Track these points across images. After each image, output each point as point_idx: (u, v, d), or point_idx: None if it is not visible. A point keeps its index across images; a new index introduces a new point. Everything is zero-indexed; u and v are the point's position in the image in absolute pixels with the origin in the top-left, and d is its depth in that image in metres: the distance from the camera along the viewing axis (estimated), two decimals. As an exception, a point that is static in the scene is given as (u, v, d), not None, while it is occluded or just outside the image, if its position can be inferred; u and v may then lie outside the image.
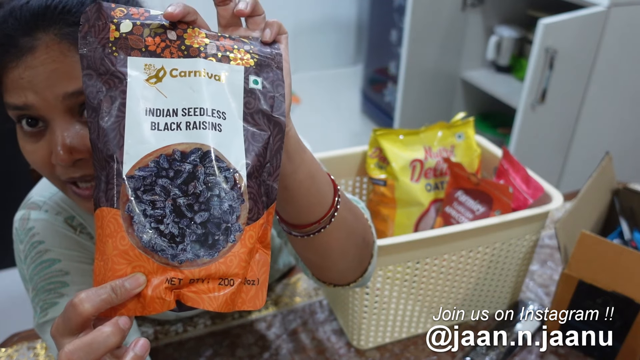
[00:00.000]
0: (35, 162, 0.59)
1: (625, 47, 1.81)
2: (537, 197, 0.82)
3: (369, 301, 0.78)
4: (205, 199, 0.42)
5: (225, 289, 0.42)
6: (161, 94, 0.43)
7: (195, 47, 0.44)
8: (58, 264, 0.68)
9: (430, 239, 0.74)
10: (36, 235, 0.68)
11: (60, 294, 0.67)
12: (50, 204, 0.70)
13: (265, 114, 0.45)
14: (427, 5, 2.23)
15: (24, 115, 0.57)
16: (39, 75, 0.54)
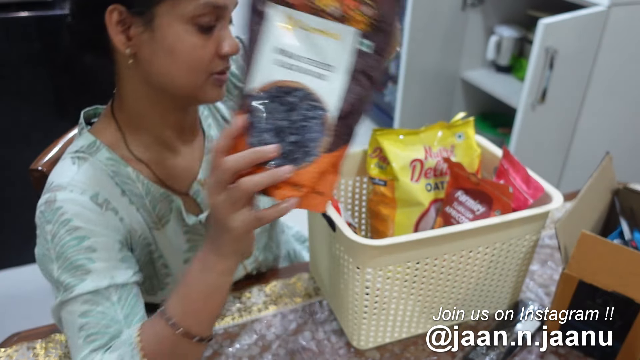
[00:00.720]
0: (202, 55, 0.68)
1: (626, 47, 1.81)
2: (537, 197, 0.82)
3: (369, 301, 0.78)
4: (299, 126, 0.57)
5: (295, 193, 0.58)
6: (288, 39, 0.56)
7: (321, 7, 0.55)
8: (87, 241, 0.69)
9: (430, 239, 0.74)
10: (65, 214, 0.69)
11: (88, 271, 0.68)
12: (74, 184, 0.71)
13: (366, 74, 0.56)
14: (427, 5, 2.23)
15: (209, 15, 0.67)
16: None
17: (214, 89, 0.73)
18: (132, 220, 0.76)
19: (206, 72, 0.70)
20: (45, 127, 1.82)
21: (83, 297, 0.68)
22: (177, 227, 0.82)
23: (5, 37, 1.66)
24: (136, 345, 0.65)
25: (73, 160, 0.74)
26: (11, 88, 1.74)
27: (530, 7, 2.28)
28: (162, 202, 0.80)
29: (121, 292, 0.70)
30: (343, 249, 0.78)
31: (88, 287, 0.68)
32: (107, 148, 0.76)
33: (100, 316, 0.68)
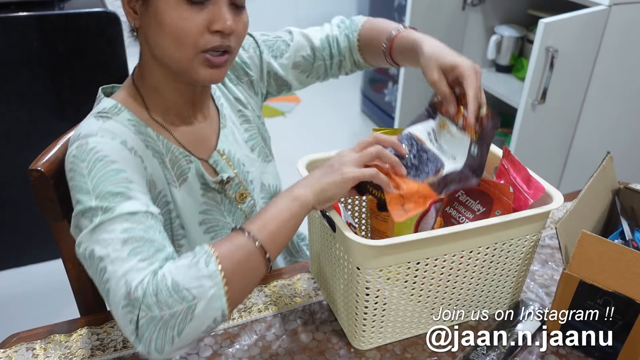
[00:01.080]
0: (188, 28, 0.72)
1: (626, 47, 1.81)
2: (538, 197, 0.81)
3: (369, 301, 0.77)
4: (423, 160, 0.79)
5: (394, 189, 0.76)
6: (438, 133, 0.85)
7: (457, 120, 0.83)
8: (124, 173, 0.71)
9: (430, 239, 0.74)
10: (100, 152, 0.71)
11: (128, 197, 0.69)
12: (103, 131, 0.74)
13: (470, 167, 0.81)
14: (427, 5, 2.23)
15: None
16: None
17: (204, 69, 0.76)
18: (154, 172, 0.80)
19: (194, 47, 0.73)
20: (45, 127, 1.82)
21: (124, 216, 0.67)
22: (195, 186, 0.86)
23: (5, 37, 1.66)
24: (212, 253, 0.65)
25: (97, 118, 0.77)
26: (11, 88, 1.74)
27: (531, 7, 2.28)
28: (181, 161, 0.84)
29: (156, 220, 0.70)
30: (343, 249, 0.77)
31: (129, 208, 0.68)
32: (128, 110, 0.80)
33: (143, 232, 0.67)
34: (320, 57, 1.03)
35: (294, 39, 1.01)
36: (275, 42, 1.01)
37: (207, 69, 0.76)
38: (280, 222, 0.70)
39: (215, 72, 0.77)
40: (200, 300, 0.63)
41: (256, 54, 0.99)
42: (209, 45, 0.73)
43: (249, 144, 0.97)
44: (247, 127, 0.97)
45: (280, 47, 1.00)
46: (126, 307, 0.63)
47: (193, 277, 0.63)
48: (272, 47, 1.00)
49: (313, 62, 1.03)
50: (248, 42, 0.99)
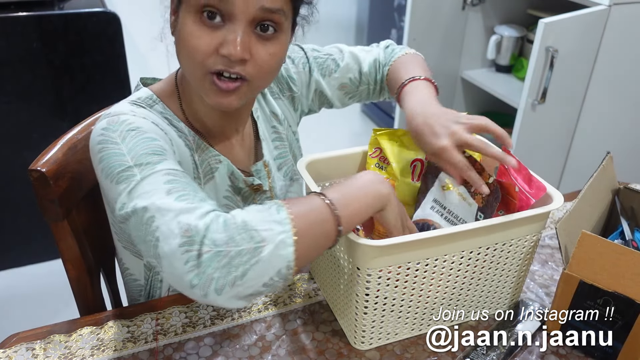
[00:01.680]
0: (197, 45, 0.70)
1: (626, 47, 1.81)
2: (539, 197, 0.81)
3: (369, 301, 0.77)
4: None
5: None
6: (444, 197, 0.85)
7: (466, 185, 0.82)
8: (157, 142, 0.71)
9: (430, 239, 0.74)
10: (132, 123, 0.72)
11: (165, 158, 0.69)
12: (135, 111, 0.75)
13: None
14: (427, 5, 2.23)
15: (212, 8, 0.69)
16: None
17: (213, 93, 0.73)
18: (184, 160, 0.79)
19: (202, 67, 0.72)
20: (45, 127, 1.82)
21: (165, 171, 0.66)
22: (221, 186, 0.86)
23: (5, 37, 1.66)
24: (283, 204, 0.64)
25: (130, 104, 0.77)
26: (11, 88, 1.74)
27: (531, 7, 2.28)
28: (211, 160, 0.84)
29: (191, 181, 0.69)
30: (343, 249, 0.77)
31: (169, 165, 0.67)
32: (163, 105, 0.80)
33: (185, 184, 0.66)
34: (366, 81, 1.03)
35: (344, 59, 1.01)
36: (325, 60, 1.00)
37: (216, 94, 0.73)
38: (360, 210, 0.70)
39: (223, 99, 0.74)
40: (268, 244, 0.60)
41: (305, 71, 0.99)
42: (213, 67, 0.71)
43: (277, 162, 0.96)
44: (279, 145, 0.97)
45: (330, 66, 1.00)
46: (184, 245, 0.59)
47: (263, 219, 0.61)
48: (322, 65, 1.00)
49: (358, 86, 1.03)
50: (299, 57, 0.99)
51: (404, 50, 1.03)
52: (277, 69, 0.78)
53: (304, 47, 0.99)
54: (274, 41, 0.73)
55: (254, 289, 0.61)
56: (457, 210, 0.83)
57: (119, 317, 0.87)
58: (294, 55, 0.98)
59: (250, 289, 0.61)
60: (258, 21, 0.71)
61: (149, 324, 0.86)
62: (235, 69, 0.71)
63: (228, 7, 0.68)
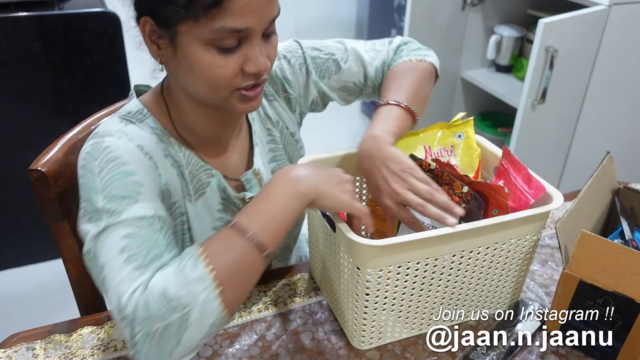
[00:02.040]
0: (222, 74, 0.69)
1: (626, 47, 1.81)
2: (539, 197, 0.81)
3: (369, 301, 0.77)
4: None
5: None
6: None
7: None
8: (135, 176, 0.70)
9: (430, 239, 0.74)
10: (112, 152, 0.70)
11: (136, 200, 0.68)
12: (122, 133, 0.73)
13: None
14: (427, 5, 2.23)
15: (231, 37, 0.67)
16: (261, 1, 0.67)
17: (241, 103, 0.74)
18: (171, 182, 0.78)
19: (229, 88, 0.71)
20: (45, 127, 1.82)
21: (131, 221, 0.66)
22: (214, 201, 0.84)
23: (5, 37, 1.66)
24: (198, 255, 0.63)
25: (121, 119, 0.76)
26: (11, 88, 1.74)
27: (530, 7, 2.28)
28: (202, 175, 0.82)
29: (163, 224, 0.69)
30: (343, 249, 0.77)
31: (136, 213, 0.67)
32: (153, 118, 0.79)
33: (143, 239, 0.66)
34: (371, 85, 0.98)
35: (348, 61, 0.95)
36: (326, 61, 0.94)
37: (244, 103, 0.75)
38: (283, 220, 0.68)
39: (253, 104, 0.76)
40: (193, 307, 0.61)
41: (301, 72, 0.94)
42: (244, 84, 0.72)
43: (271, 165, 0.94)
44: (273, 147, 0.94)
45: (330, 68, 0.95)
46: (121, 321, 0.62)
47: (181, 283, 0.61)
48: (321, 66, 0.94)
49: (363, 89, 0.99)
50: (295, 57, 0.93)
51: (412, 56, 0.96)
52: None
53: (303, 46, 0.95)
54: (274, 35, 0.74)
55: (195, 345, 0.63)
56: (436, 223, 0.83)
57: (119, 317, 0.87)
58: (290, 55, 0.93)
59: (192, 347, 0.63)
60: (266, 29, 0.71)
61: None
62: (262, 78, 0.73)
63: (245, 32, 0.67)
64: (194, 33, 0.66)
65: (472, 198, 0.79)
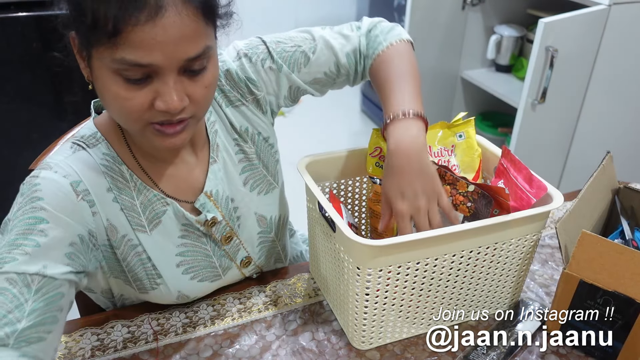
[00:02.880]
0: (130, 107, 0.65)
1: (626, 46, 1.81)
2: (540, 196, 0.81)
3: (369, 301, 0.77)
4: None
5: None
6: None
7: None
8: (43, 224, 0.68)
9: (430, 239, 0.74)
10: (38, 191, 0.70)
11: (25, 252, 0.66)
12: (61, 165, 0.72)
13: None
14: (427, 5, 2.23)
15: (134, 71, 0.63)
16: (170, 38, 0.61)
17: (158, 138, 0.69)
18: (113, 218, 0.76)
19: (140, 121, 0.67)
20: (45, 127, 1.82)
21: (9, 274, 0.65)
22: (172, 229, 0.81)
23: (5, 37, 1.66)
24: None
25: (72, 146, 0.75)
26: (11, 88, 1.74)
27: (531, 7, 2.28)
28: (155, 204, 0.79)
29: (44, 284, 0.66)
30: (343, 249, 0.77)
31: (17, 268, 0.65)
32: (106, 143, 0.76)
33: (9, 299, 0.63)
34: (345, 72, 0.91)
35: (316, 51, 0.88)
36: (293, 53, 0.87)
37: (163, 139, 0.70)
38: None
39: (173, 140, 0.70)
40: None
41: (265, 68, 0.86)
42: (155, 120, 0.67)
43: (242, 176, 0.88)
44: (242, 158, 0.88)
45: (298, 60, 0.87)
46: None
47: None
48: (289, 59, 0.87)
49: (336, 78, 0.92)
50: (257, 53, 0.86)
51: (390, 40, 0.89)
52: (216, 87, 0.74)
53: (266, 41, 0.87)
54: (205, 73, 0.68)
55: None
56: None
57: (119, 317, 0.87)
58: (251, 52, 0.85)
59: None
60: (185, 67, 0.65)
61: (149, 324, 0.86)
62: (177, 117, 0.67)
63: (151, 67, 0.63)
64: (102, 59, 0.63)
65: (479, 196, 0.79)
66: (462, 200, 0.80)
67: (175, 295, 0.85)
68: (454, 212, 0.78)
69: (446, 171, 0.81)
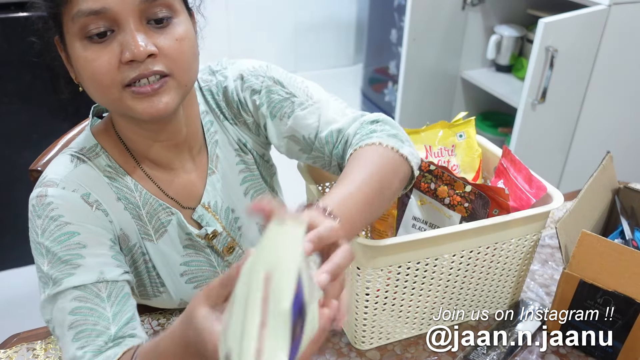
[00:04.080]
0: (99, 67, 0.63)
1: (626, 47, 1.81)
2: (540, 197, 0.81)
3: (369, 301, 0.77)
4: None
5: None
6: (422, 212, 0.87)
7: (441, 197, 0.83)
8: (77, 237, 0.69)
9: (430, 239, 0.74)
10: (55, 209, 0.69)
11: (77, 265, 0.68)
12: (66, 181, 0.71)
13: None
14: (427, 5, 2.23)
15: (93, 23, 0.62)
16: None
17: (137, 103, 0.66)
18: (125, 226, 0.76)
19: (115, 85, 0.65)
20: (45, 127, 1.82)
21: (71, 291, 0.67)
22: (175, 240, 0.81)
23: (5, 37, 1.66)
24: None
25: (72, 159, 0.74)
26: (11, 88, 1.74)
27: (531, 7, 2.28)
28: (160, 214, 0.79)
29: (111, 289, 0.69)
30: (343, 249, 0.77)
31: (75, 281, 0.67)
32: (107, 155, 0.75)
33: (89, 313, 0.67)
34: (320, 148, 0.80)
35: (306, 109, 0.79)
36: (282, 100, 0.80)
37: (143, 102, 0.66)
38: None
39: (154, 104, 0.66)
40: None
41: (251, 99, 0.81)
42: (127, 79, 0.64)
43: (243, 186, 0.87)
44: (243, 168, 0.86)
45: (283, 109, 0.80)
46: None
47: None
48: (275, 104, 0.80)
49: (311, 150, 0.81)
50: (253, 78, 0.81)
51: (384, 140, 0.72)
52: (194, 54, 0.69)
53: (269, 73, 0.81)
54: (173, 26, 0.66)
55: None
56: (438, 222, 0.83)
57: (119, 317, 0.87)
58: (249, 75, 0.81)
59: None
60: (147, 15, 0.64)
61: (150, 324, 0.86)
62: (150, 68, 0.64)
63: (108, 13, 0.62)
64: (69, 29, 0.64)
65: (476, 197, 0.79)
66: (460, 200, 0.80)
67: (177, 302, 0.85)
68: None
69: (444, 172, 0.81)
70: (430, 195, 0.83)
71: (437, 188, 0.82)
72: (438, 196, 0.82)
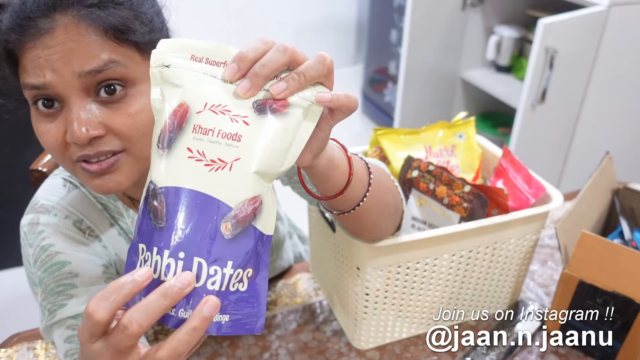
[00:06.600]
0: (48, 142, 0.60)
1: (626, 47, 1.81)
2: (539, 197, 0.82)
3: (369, 301, 0.78)
4: None
5: None
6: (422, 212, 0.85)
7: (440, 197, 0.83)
8: (68, 266, 0.68)
9: (430, 239, 0.74)
10: (46, 238, 0.69)
11: (70, 296, 0.67)
12: (58, 207, 0.71)
13: None
14: (427, 5, 2.23)
15: (40, 96, 0.58)
16: (56, 53, 0.56)
17: (90, 179, 0.61)
18: (120, 252, 0.75)
19: (66, 159, 0.61)
20: (46, 127, 1.82)
21: (65, 321, 0.67)
22: None
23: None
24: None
25: (64, 183, 0.73)
26: (11, 88, 1.74)
27: (530, 7, 2.28)
28: None
29: None
30: (343, 249, 0.78)
31: (68, 312, 0.66)
32: None
33: None
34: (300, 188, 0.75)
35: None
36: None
37: (94, 179, 0.61)
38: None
39: (106, 182, 0.60)
40: None
41: None
42: (74, 156, 0.59)
43: None
44: None
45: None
46: None
47: None
48: None
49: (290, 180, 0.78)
50: None
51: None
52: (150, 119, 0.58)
53: None
54: (127, 99, 0.59)
55: None
56: (437, 222, 0.83)
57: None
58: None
59: None
60: (95, 88, 0.58)
61: (150, 324, 0.86)
62: (97, 149, 0.58)
63: (49, 90, 0.57)
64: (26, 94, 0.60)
65: (475, 197, 0.79)
66: (459, 200, 0.80)
67: None
68: None
69: (442, 172, 0.82)
70: (429, 195, 0.83)
71: (436, 188, 0.82)
72: (437, 196, 0.82)
